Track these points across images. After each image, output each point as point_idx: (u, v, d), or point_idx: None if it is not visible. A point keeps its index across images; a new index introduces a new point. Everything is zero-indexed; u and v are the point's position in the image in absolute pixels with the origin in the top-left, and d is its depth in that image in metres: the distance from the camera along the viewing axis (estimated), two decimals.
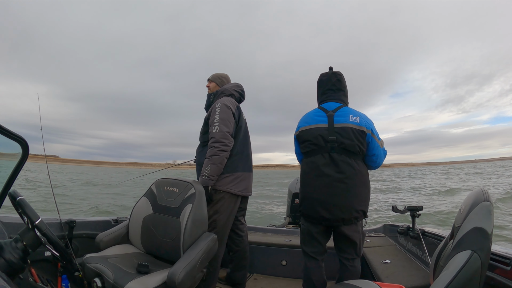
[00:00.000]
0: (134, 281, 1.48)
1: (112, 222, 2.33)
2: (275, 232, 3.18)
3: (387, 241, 2.75)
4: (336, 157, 1.77)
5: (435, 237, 1.97)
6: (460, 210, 1.14)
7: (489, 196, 1.03)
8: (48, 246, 1.38)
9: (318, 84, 2.00)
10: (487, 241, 0.92)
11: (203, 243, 1.71)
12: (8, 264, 1.16)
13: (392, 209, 2.35)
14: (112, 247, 1.85)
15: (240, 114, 2.27)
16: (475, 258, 0.88)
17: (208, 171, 2.00)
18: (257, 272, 2.79)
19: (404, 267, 2.01)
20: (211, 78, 2.43)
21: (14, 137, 1.38)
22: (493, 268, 1.24)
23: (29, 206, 1.32)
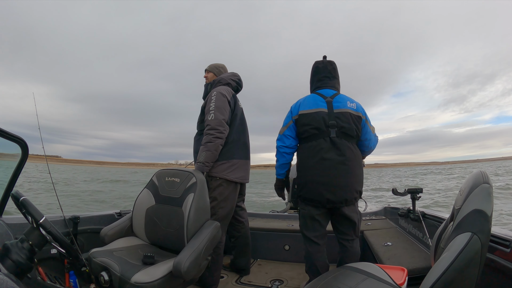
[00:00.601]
0: (140, 272, 1.50)
1: (116, 216, 2.35)
2: (277, 217, 3.22)
3: (388, 223, 2.79)
4: (337, 141, 1.84)
5: (435, 219, 1.99)
6: (459, 192, 1.15)
7: (488, 179, 1.03)
8: (54, 244, 1.39)
9: (315, 71, 2.03)
10: (487, 223, 0.93)
11: (206, 231, 1.73)
12: (15, 265, 1.17)
13: (392, 191, 2.38)
14: (117, 240, 1.88)
15: (236, 102, 2.28)
16: (475, 240, 0.89)
17: (203, 158, 2.02)
18: (261, 257, 2.84)
19: (405, 249, 2.04)
20: (208, 68, 2.44)
21: (13, 138, 1.37)
22: (493, 250, 1.26)
23: (32, 206, 1.32)
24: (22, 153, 1.42)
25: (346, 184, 1.83)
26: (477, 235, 0.90)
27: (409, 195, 2.24)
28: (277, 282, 2.34)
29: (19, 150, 1.42)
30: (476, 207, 0.97)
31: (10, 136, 1.35)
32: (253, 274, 2.50)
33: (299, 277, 2.40)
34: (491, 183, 1.01)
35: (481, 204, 0.97)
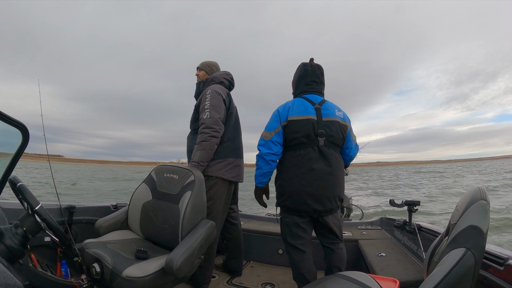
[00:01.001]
0: (132, 266, 1.50)
1: (112, 208, 2.35)
2: (273, 221, 3.22)
3: (383, 234, 2.78)
4: (325, 150, 1.80)
5: (430, 232, 1.99)
6: (456, 207, 1.15)
7: (486, 195, 1.03)
8: (48, 232, 1.39)
9: (302, 74, 1.93)
10: (482, 240, 0.92)
11: (201, 229, 1.73)
12: (8, 249, 1.17)
13: (389, 203, 2.37)
14: (111, 233, 1.87)
15: (230, 101, 2.26)
16: (469, 256, 0.89)
17: (198, 157, 2.00)
18: (254, 260, 2.83)
19: (399, 261, 2.04)
20: (200, 66, 2.41)
21: (14, 123, 1.37)
22: (487, 267, 1.26)
23: (29, 192, 1.33)
24: (23, 138, 1.42)
25: (333, 195, 1.82)
26: (471, 251, 0.90)
27: (406, 207, 2.24)
28: (268, 286, 2.33)
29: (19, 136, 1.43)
30: (472, 223, 0.96)
31: (12, 121, 1.36)
32: (244, 276, 2.49)
33: (291, 282, 2.39)
34: (488, 200, 1.01)
35: (477, 221, 0.96)
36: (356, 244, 2.51)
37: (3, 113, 1.31)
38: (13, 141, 1.44)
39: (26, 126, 1.39)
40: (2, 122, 1.33)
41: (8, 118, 1.34)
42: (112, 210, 2.30)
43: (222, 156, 2.14)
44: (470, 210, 1.01)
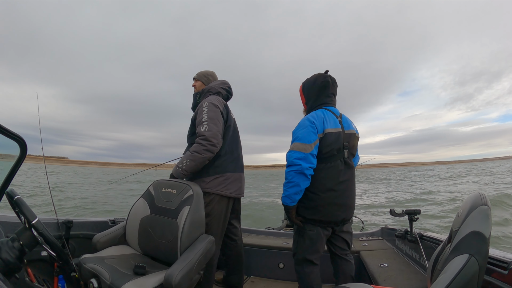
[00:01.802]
0: (130, 282, 1.47)
1: (110, 223, 2.32)
2: (273, 234, 3.18)
3: (385, 244, 2.75)
4: (349, 162, 1.86)
5: (432, 240, 1.97)
6: (458, 214, 1.15)
7: (487, 200, 1.03)
8: (45, 246, 1.37)
9: (324, 86, 1.91)
10: (485, 245, 0.92)
11: (200, 245, 1.70)
12: (4, 263, 1.15)
13: (390, 212, 2.36)
14: (109, 248, 1.85)
15: (228, 112, 2.20)
16: (472, 262, 0.89)
17: (184, 165, 1.96)
18: (254, 274, 2.78)
19: (401, 271, 2.01)
20: (196, 76, 2.36)
21: (12, 136, 1.37)
22: (491, 272, 1.25)
23: (26, 206, 1.32)
24: (21, 152, 1.42)
25: (354, 203, 1.92)
26: (474, 257, 0.89)
27: (406, 216, 2.23)
28: None
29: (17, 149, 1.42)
30: (474, 229, 0.96)
31: (10, 134, 1.35)
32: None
33: None
34: (489, 205, 1.01)
35: (479, 226, 0.96)
36: (358, 256, 2.48)
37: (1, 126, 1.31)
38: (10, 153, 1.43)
39: (24, 139, 1.39)
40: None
41: (5, 130, 1.34)
42: (110, 225, 2.27)
43: (219, 171, 2.08)
44: (471, 216, 1.01)
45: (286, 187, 1.77)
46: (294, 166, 1.73)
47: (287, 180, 1.76)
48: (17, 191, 1.40)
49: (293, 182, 1.74)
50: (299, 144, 1.76)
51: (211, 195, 2.06)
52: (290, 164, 1.75)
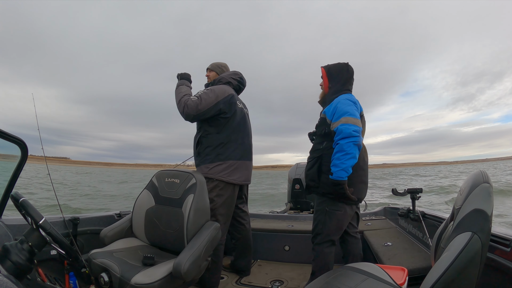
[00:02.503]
0: (140, 273, 1.49)
1: (116, 217, 2.35)
2: (277, 218, 3.22)
3: (388, 223, 2.79)
4: (363, 143, 1.92)
5: (435, 219, 1.99)
6: (459, 192, 1.15)
7: (488, 178, 1.03)
8: (54, 245, 1.38)
9: (351, 73, 2.03)
10: (487, 223, 0.93)
11: (206, 232, 1.73)
12: (15, 266, 1.16)
13: (392, 192, 2.38)
14: (117, 241, 1.87)
15: (232, 103, 2.20)
16: (475, 240, 0.89)
17: (178, 92, 2.13)
18: (261, 258, 2.83)
19: (405, 249, 2.04)
20: (210, 67, 2.41)
21: (12, 139, 1.36)
22: (493, 249, 1.26)
23: (32, 207, 1.32)
24: (22, 154, 1.42)
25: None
26: (477, 234, 0.90)
27: (409, 195, 2.24)
28: (277, 283, 2.33)
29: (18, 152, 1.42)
30: (476, 206, 0.97)
31: (10, 137, 1.35)
32: (253, 275, 2.50)
33: (299, 277, 2.39)
34: (491, 183, 1.01)
35: (481, 204, 0.97)
36: (362, 236, 2.52)
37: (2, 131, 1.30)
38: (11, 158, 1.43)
39: (24, 141, 1.39)
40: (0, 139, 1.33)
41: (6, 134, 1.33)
42: (116, 219, 2.30)
43: (222, 158, 2.12)
44: (473, 194, 1.02)
45: (343, 159, 1.71)
46: (352, 137, 1.71)
47: (345, 152, 1.71)
48: (21, 193, 1.40)
49: (351, 153, 1.71)
50: (354, 118, 1.76)
51: (214, 181, 2.10)
52: (348, 136, 1.71)
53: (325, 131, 1.92)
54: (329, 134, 1.88)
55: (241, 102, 2.35)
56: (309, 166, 2.00)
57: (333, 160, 1.76)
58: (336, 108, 1.83)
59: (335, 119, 1.82)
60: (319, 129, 2.01)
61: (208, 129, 2.17)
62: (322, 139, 1.97)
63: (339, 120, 1.77)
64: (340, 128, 1.74)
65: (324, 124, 1.94)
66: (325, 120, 1.92)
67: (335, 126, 1.78)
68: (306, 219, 3.09)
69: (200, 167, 2.16)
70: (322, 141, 1.96)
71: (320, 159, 1.93)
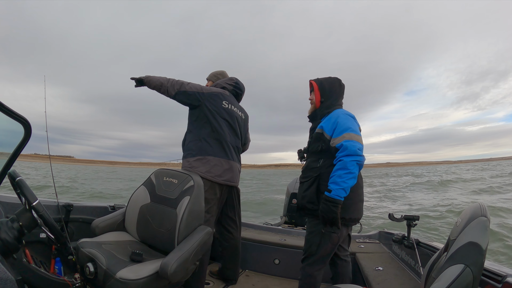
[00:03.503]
0: (126, 268, 1.48)
1: (109, 209, 2.35)
2: (270, 230, 3.20)
3: (381, 248, 2.76)
4: None
5: (429, 248, 1.97)
6: (456, 223, 1.14)
7: (486, 212, 1.02)
8: (44, 228, 1.38)
9: (343, 88, 1.99)
10: (481, 257, 0.92)
11: (198, 235, 1.71)
12: (2, 243, 1.16)
13: (388, 217, 2.36)
14: (108, 234, 1.86)
15: (218, 103, 2.22)
16: (467, 273, 0.88)
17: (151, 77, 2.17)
18: (249, 268, 2.80)
19: (396, 275, 2.02)
20: (208, 77, 2.50)
21: (17, 117, 1.38)
22: (484, 284, 1.24)
23: (27, 187, 1.33)
24: (25, 133, 1.43)
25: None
26: (469, 267, 0.89)
27: (405, 221, 2.22)
28: None
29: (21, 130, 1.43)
30: (472, 239, 0.96)
31: (15, 115, 1.36)
32: (239, 285, 2.46)
33: None
34: (488, 217, 1.01)
35: (476, 237, 0.96)
36: (354, 257, 2.49)
37: (6, 107, 1.32)
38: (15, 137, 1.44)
39: (28, 120, 1.40)
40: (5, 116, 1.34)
41: (11, 111, 1.35)
42: (110, 211, 2.29)
43: (203, 153, 2.13)
44: (470, 227, 1.01)
45: (345, 178, 1.63)
46: (357, 156, 1.64)
47: (348, 171, 1.63)
48: (19, 173, 1.41)
49: (354, 173, 1.64)
50: (357, 135, 1.71)
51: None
52: (353, 153, 1.64)
53: (321, 148, 1.81)
54: (326, 151, 1.79)
55: (236, 106, 2.36)
56: (306, 186, 1.86)
57: (333, 177, 1.66)
58: (336, 123, 1.75)
59: (336, 134, 1.73)
60: (313, 145, 1.88)
61: (192, 125, 2.22)
62: (317, 156, 1.85)
63: (342, 136, 1.70)
64: (345, 144, 1.66)
65: (320, 140, 1.83)
66: (322, 135, 1.81)
67: (338, 142, 1.70)
68: (300, 234, 3.06)
69: (182, 161, 2.20)
70: (318, 158, 1.85)
71: (318, 179, 1.80)
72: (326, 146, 1.79)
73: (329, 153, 1.77)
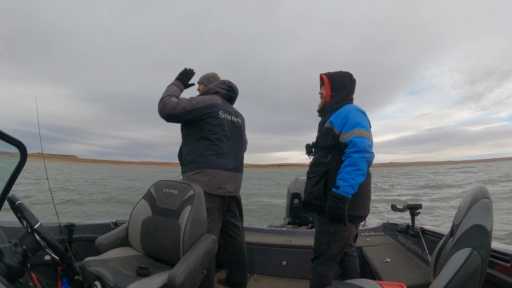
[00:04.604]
0: (134, 283, 1.47)
1: (112, 225, 2.33)
2: (275, 232, 3.19)
3: (387, 239, 2.76)
4: None
5: (434, 235, 1.98)
6: (459, 208, 1.15)
7: (488, 193, 1.03)
8: (48, 250, 1.37)
9: (354, 83, 1.97)
10: (487, 238, 0.92)
11: (202, 244, 1.71)
12: (8, 268, 1.15)
13: (391, 207, 2.37)
14: (112, 250, 1.85)
15: (213, 111, 2.16)
16: (475, 255, 0.89)
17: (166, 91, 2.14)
18: (258, 272, 2.79)
19: (404, 266, 2.02)
20: (199, 81, 2.44)
21: (11, 141, 1.37)
22: (493, 265, 1.25)
23: (28, 210, 1.31)
24: (21, 156, 1.42)
25: None
26: (477, 250, 0.89)
27: (408, 211, 2.23)
28: None
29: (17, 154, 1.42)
30: (476, 222, 0.96)
31: (10, 139, 1.35)
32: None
33: None
34: (491, 198, 1.01)
35: (481, 219, 0.96)
36: (360, 251, 2.49)
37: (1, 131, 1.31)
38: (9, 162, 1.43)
39: (24, 144, 1.39)
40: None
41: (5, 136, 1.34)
42: (112, 227, 2.28)
43: (199, 167, 2.11)
44: (473, 210, 1.01)
45: (354, 175, 1.61)
46: (367, 153, 1.63)
47: (357, 167, 1.61)
48: (18, 196, 1.40)
49: (362, 170, 1.62)
50: (367, 132, 1.68)
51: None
52: (363, 150, 1.62)
53: (330, 143, 1.79)
54: (335, 146, 1.77)
55: (231, 112, 2.30)
56: (313, 182, 1.83)
57: (342, 173, 1.64)
58: (347, 118, 1.72)
59: (346, 129, 1.70)
60: (322, 140, 1.86)
61: (188, 138, 2.20)
62: (326, 152, 1.83)
63: (352, 132, 1.67)
64: (355, 140, 1.64)
65: (329, 135, 1.80)
66: (331, 130, 1.78)
67: (348, 137, 1.67)
68: (304, 234, 3.06)
69: (182, 176, 2.19)
70: (326, 154, 1.83)
71: (326, 175, 1.78)
72: (335, 141, 1.77)
73: (338, 148, 1.75)
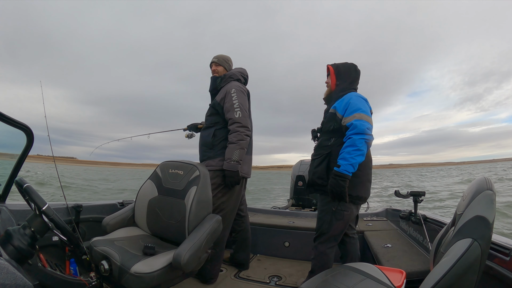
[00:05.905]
0: (140, 262, 1.51)
1: (118, 205, 2.37)
2: (278, 214, 3.23)
3: (389, 225, 2.78)
4: None
5: (436, 223, 1.98)
6: (462, 198, 1.14)
7: (492, 185, 1.02)
8: (56, 231, 1.40)
9: (358, 73, 2.02)
10: (488, 230, 0.92)
11: (208, 224, 1.74)
12: (17, 250, 1.18)
13: (395, 193, 2.37)
14: (119, 230, 1.89)
15: (249, 98, 2.27)
16: (475, 247, 0.89)
17: (237, 156, 2.03)
18: (260, 253, 2.85)
19: (404, 252, 2.04)
20: (217, 61, 2.36)
21: (18, 125, 1.38)
22: (493, 257, 1.25)
23: (35, 193, 1.34)
24: (27, 140, 1.43)
25: None
26: (477, 241, 0.89)
27: (411, 197, 2.23)
28: (275, 278, 2.35)
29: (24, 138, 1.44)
30: (478, 213, 0.96)
31: (16, 123, 1.36)
32: (252, 269, 2.51)
33: (298, 274, 2.41)
34: (494, 190, 1.00)
35: (483, 211, 0.96)
36: (362, 236, 2.52)
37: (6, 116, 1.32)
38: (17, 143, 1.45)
39: (30, 127, 1.40)
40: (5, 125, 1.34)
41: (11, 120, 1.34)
42: (119, 208, 2.32)
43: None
44: (476, 200, 1.00)
45: (354, 154, 1.72)
46: (366, 135, 1.73)
47: (357, 148, 1.72)
48: (25, 179, 1.42)
49: (362, 150, 1.72)
50: (367, 116, 1.77)
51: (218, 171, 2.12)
52: (362, 132, 1.72)
53: (333, 127, 1.89)
54: (338, 130, 1.86)
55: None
56: (317, 163, 1.94)
57: (343, 153, 1.75)
58: (348, 104, 1.82)
59: (347, 114, 1.80)
60: (326, 125, 1.96)
61: (224, 123, 2.18)
62: (329, 135, 1.92)
63: (353, 115, 1.77)
64: (355, 123, 1.74)
65: (333, 119, 1.90)
66: (335, 115, 1.88)
67: (349, 121, 1.77)
68: (308, 216, 3.09)
69: (213, 160, 2.14)
70: (329, 137, 1.92)
71: (329, 156, 1.88)
72: (338, 125, 1.86)
73: (341, 132, 1.85)
